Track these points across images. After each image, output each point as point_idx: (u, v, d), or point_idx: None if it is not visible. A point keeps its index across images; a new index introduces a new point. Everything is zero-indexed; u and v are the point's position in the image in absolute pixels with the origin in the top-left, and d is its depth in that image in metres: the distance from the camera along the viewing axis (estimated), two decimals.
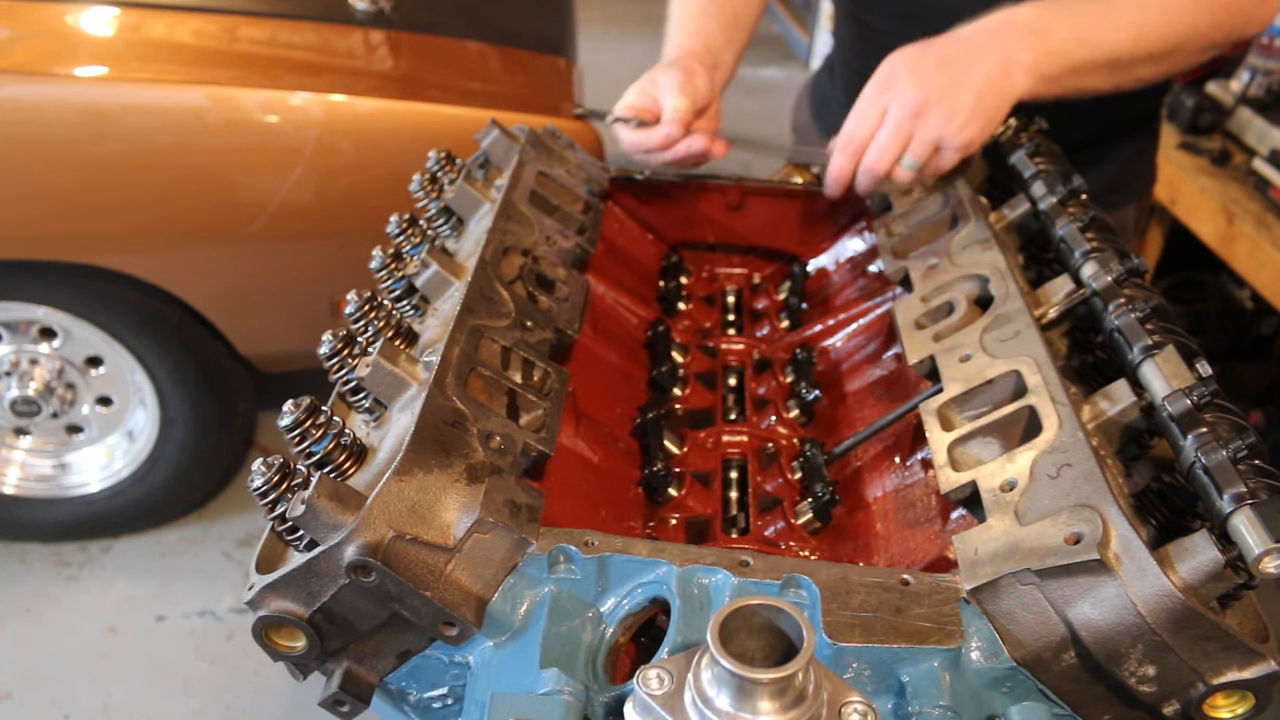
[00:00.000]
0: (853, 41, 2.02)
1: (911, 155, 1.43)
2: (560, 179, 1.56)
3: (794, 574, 0.93)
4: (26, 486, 3.05)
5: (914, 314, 1.31)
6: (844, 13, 2.05)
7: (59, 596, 3.03)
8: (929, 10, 1.84)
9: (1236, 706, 0.87)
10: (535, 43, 3.17)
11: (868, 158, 1.45)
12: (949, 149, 1.43)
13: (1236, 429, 0.94)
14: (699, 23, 1.74)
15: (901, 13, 1.89)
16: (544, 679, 0.88)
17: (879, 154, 1.43)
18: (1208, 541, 0.84)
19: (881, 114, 1.43)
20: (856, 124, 1.46)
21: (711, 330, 1.66)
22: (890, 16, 1.91)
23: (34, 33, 2.62)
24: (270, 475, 0.95)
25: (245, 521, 3.29)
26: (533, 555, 0.97)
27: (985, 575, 0.91)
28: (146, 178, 2.55)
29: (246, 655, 2.87)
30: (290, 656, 0.96)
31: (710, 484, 1.33)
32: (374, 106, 2.59)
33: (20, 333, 2.82)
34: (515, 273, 1.31)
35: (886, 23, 1.92)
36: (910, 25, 1.87)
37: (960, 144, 1.41)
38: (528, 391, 1.14)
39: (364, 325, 1.19)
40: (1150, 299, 1.13)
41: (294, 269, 2.78)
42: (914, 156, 1.43)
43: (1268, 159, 3.13)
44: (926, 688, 0.87)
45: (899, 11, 1.89)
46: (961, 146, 1.42)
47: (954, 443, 1.09)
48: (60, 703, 2.75)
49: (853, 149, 1.47)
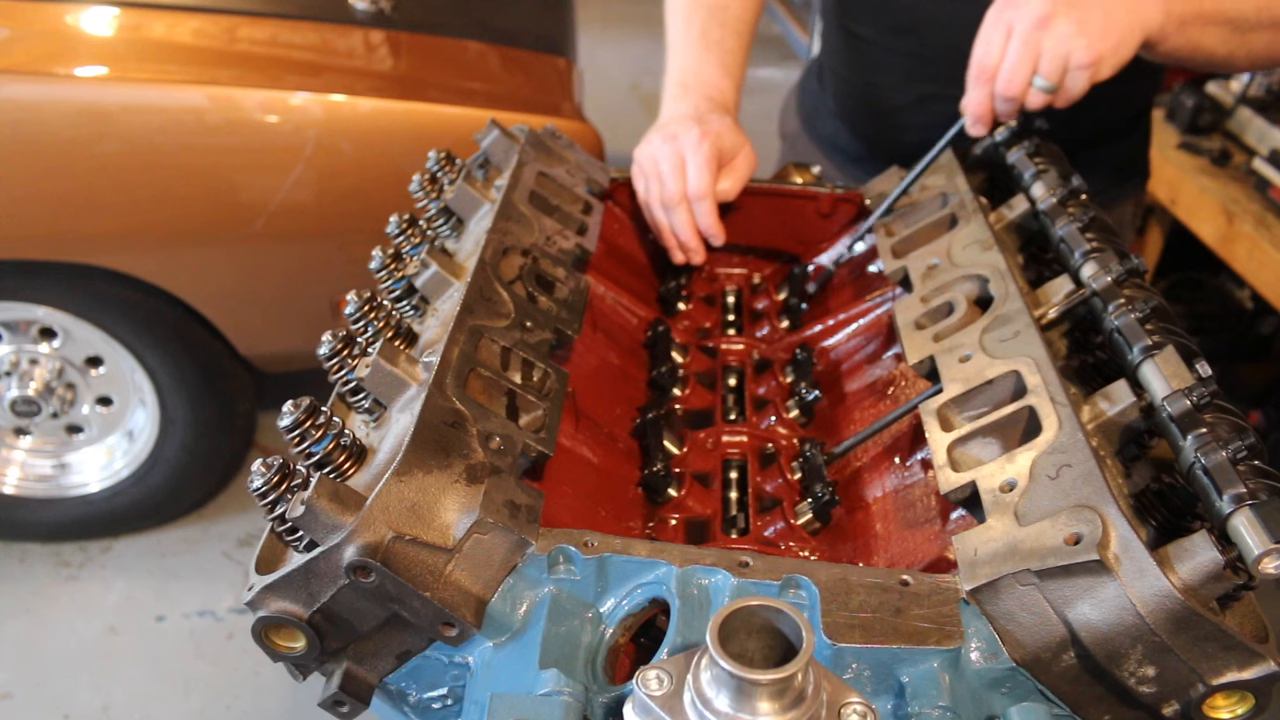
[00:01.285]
0: (842, 51, 2.02)
1: (1042, 76, 1.38)
2: (560, 179, 1.56)
3: (793, 574, 0.93)
4: (26, 486, 3.05)
5: (914, 314, 1.31)
6: (833, 23, 2.04)
7: (59, 596, 3.03)
8: (920, 21, 1.84)
9: (1236, 707, 0.87)
10: (535, 43, 3.17)
11: (999, 82, 1.40)
12: (1078, 67, 1.36)
13: (1236, 429, 0.94)
14: (703, 60, 1.75)
15: (891, 24, 1.89)
16: (543, 679, 0.88)
17: (1010, 76, 1.38)
18: (1207, 542, 0.84)
19: (1007, 33, 1.39)
20: (984, 50, 1.42)
21: (711, 330, 1.66)
22: (880, 28, 1.91)
23: (34, 33, 2.62)
24: (270, 476, 0.95)
25: (245, 521, 3.29)
26: (532, 556, 0.97)
27: (985, 576, 0.91)
28: (146, 178, 2.55)
29: (246, 655, 2.87)
30: (290, 657, 0.96)
31: (710, 484, 1.33)
32: (374, 106, 2.59)
33: (20, 333, 2.82)
34: (515, 273, 1.31)
35: (876, 33, 1.92)
36: (900, 37, 1.87)
37: (1089, 60, 1.35)
38: (527, 392, 1.14)
39: (364, 325, 1.19)
40: (1150, 299, 1.13)
41: (294, 269, 2.78)
42: (1045, 77, 1.38)
43: (1268, 159, 3.13)
44: (926, 688, 0.87)
45: (889, 23, 1.89)
46: (1091, 63, 1.36)
47: (954, 443, 1.09)
48: (60, 703, 2.75)
49: (985, 77, 1.42)
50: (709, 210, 1.60)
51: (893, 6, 1.87)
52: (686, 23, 1.79)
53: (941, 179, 1.56)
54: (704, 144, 1.57)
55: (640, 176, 1.64)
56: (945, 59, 1.69)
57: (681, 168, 1.57)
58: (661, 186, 1.59)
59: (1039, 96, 1.41)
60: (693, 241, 1.62)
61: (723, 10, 1.79)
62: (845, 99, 2.06)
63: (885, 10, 1.88)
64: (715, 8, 1.79)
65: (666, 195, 1.59)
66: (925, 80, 1.86)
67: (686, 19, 1.80)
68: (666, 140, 1.60)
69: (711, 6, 1.79)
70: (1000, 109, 1.45)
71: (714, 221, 1.61)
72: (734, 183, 1.61)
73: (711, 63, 1.74)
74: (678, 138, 1.59)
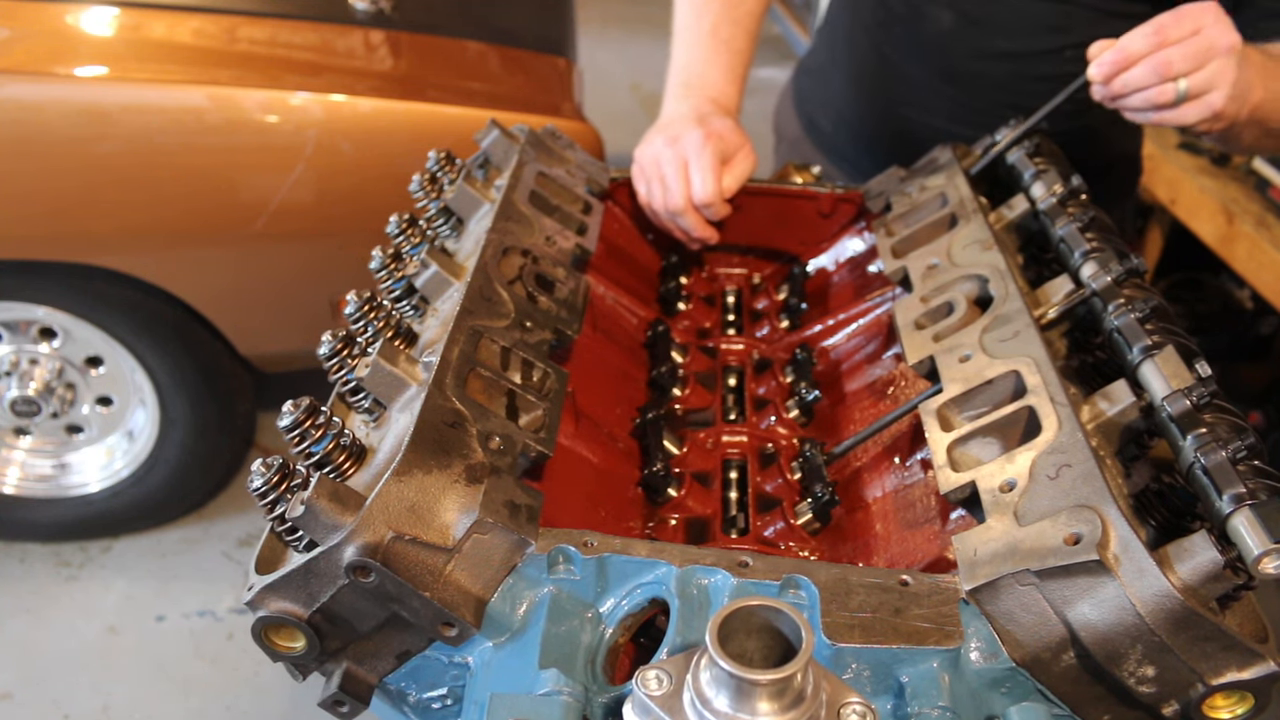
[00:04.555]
0: (877, 77, 1.98)
1: (1189, 80, 1.36)
2: (560, 179, 1.56)
3: (793, 574, 0.93)
4: (26, 486, 3.04)
5: (914, 314, 1.31)
6: (866, 44, 2.00)
7: (59, 596, 3.03)
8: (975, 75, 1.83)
9: (1236, 707, 0.87)
10: (535, 43, 3.17)
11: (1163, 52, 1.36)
12: (1207, 102, 1.37)
13: (1236, 429, 0.94)
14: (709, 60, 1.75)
15: (940, 69, 1.87)
16: (543, 679, 0.88)
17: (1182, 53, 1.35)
18: (1207, 542, 0.84)
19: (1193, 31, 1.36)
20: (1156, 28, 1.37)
21: (711, 330, 1.66)
22: (928, 70, 1.89)
23: (34, 33, 2.62)
24: (270, 476, 0.95)
25: (245, 521, 3.28)
26: (532, 556, 0.97)
27: (984, 576, 0.91)
28: (146, 178, 2.55)
29: (246, 655, 2.87)
30: (290, 657, 0.96)
31: (710, 484, 1.33)
32: (374, 106, 2.59)
33: (20, 333, 2.82)
34: (515, 273, 1.31)
35: (921, 73, 1.90)
36: (949, 84, 1.86)
37: (1217, 103, 1.37)
38: (527, 392, 1.14)
39: (364, 325, 1.19)
40: (1150, 299, 1.13)
41: (294, 269, 2.78)
42: (1190, 83, 1.36)
43: (1268, 159, 3.13)
44: (925, 688, 0.87)
45: (938, 67, 1.87)
46: (1215, 106, 1.37)
47: (953, 443, 1.09)
48: (60, 703, 2.75)
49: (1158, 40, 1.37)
50: (716, 214, 1.61)
51: (946, 54, 1.85)
52: (698, 17, 1.77)
53: (941, 179, 1.56)
54: (707, 146, 1.56)
55: (641, 179, 1.64)
56: (994, 113, 1.68)
57: (684, 171, 1.57)
58: (665, 192, 1.59)
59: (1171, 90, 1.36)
60: (705, 232, 1.63)
61: (735, 6, 1.77)
62: (871, 116, 2.03)
63: (938, 55, 1.86)
64: (729, 3, 1.76)
65: (671, 202, 1.58)
66: (971, 126, 1.83)
67: (698, 13, 1.77)
68: (669, 143, 1.59)
69: (726, 1, 1.77)
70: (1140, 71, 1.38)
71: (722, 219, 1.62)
72: (734, 182, 1.61)
73: (718, 65, 1.73)
74: (680, 140, 1.58)
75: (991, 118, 1.66)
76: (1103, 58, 1.40)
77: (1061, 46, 1.74)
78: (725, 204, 1.60)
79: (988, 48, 1.80)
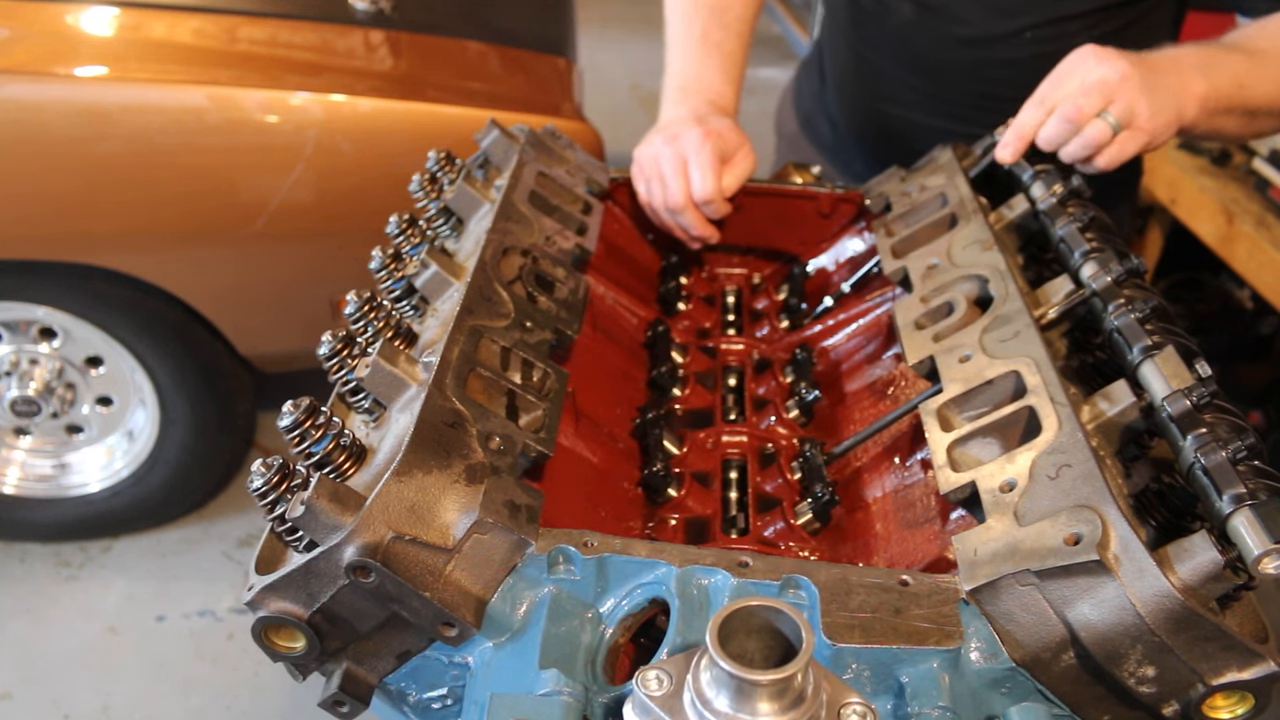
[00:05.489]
0: (853, 74, 2.00)
1: (1113, 112, 1.36)
2: (560, 179, 1.56)
3: (793, 575, 0.93)
4: (26, 486, 3.05)
5: (914, 314, 1.31)
6: (843, 44, 2.02)
7: (59, 596, 3.03)
8: (943, 64, 1.84)
9: (1236, 707, 0.87)
10: (535, 43, 3.17)
11: (1066, 105, 1.37)
12: (1139, 128, 1.37)
13: (1236, 430, 0.94)
14: (703, 63, 1.75)
15: (910, 62, 1.87)
16: (543, 680, 0.88)
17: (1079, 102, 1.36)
18: (1207, 542, 0.84)
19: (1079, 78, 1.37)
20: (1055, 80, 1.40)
21: (711, 330, 1.66)
22: (899, 63, 1.89)
23: (34, 33, 2.62)
24: (270, 476, 0.95)
25: (245, 521, 3.29)
26: (532, 556, 0.97)
27: (984, 576, 0.91)
28: (146, 178, 2.55)
29: (246, 655, 2.87)
30: (290, 657, 0.96)
31: (710, 484, 1.33)
32: (374, 106, 2.59)
33: (20, 333, 2.82)
34: (515, 273, 1.31)
35: (893, 68, 1.90)
36: (920, 75, 1.87)
37: (1150, 126, 1.37)
38: (527, 392, 1.14)
39: (364, 326, 1.19)
40: (1150, 299, 1.13)
41: (294, 269, 2.78)
42: (1115, 115, 1.36)
43: (1268, 159, 3.13)
44: (926, 688, 0.87)
45: (908, 59, 1.87)
46: (1150, 130, 1.37)
47: (953, 443, 1.09)
48: (60, 703, 2.75)
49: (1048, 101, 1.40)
50: (716, 212, 1.61)
51: (912, 46, 1.86)
52: (688, 24, 1.78)
53: (941, 179, 1.56)
54: (706, 144, 1.56)
55: (641, 178, 1.64)
56: (966, 103, 1.69)
57: (683, 170, 1.57)
58: (665, 190, 1.59)
59: (1104, 128, 1.37)
60: (705, 230, 1.63)
61: (724, 11, 1.78)
62: (853, 115, 2.04)
63: (904, 48, 1.87)
64: (717, 9, 1.78)
65: (670, 199, 1.59)
66: (945, 118, 1.85)
67: (688, 20, 1.78)
68: (668, 141, 1.59)
69: (713, 7, 1.78)
70: (1052, 131, 1.40)
71: (722, 217, 1.62)
72: (733, 180, 1.61)
73: (712, 67, 1.74)
74: (679, 138, 1.58)
75: (966, 108, 1.66)
76: (1004, 139, 1.46)
77: (1020, 29, 1.75)
78: (725, 202, 1.60)
79: (948, 35, 1.81)
